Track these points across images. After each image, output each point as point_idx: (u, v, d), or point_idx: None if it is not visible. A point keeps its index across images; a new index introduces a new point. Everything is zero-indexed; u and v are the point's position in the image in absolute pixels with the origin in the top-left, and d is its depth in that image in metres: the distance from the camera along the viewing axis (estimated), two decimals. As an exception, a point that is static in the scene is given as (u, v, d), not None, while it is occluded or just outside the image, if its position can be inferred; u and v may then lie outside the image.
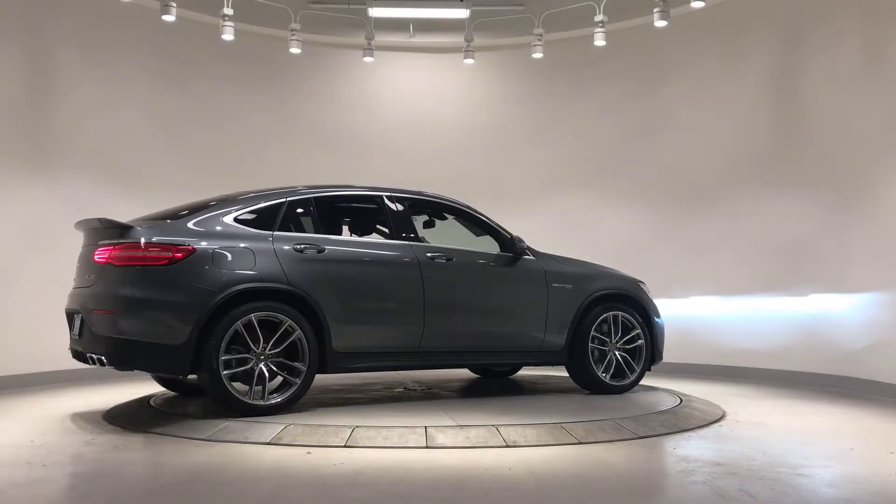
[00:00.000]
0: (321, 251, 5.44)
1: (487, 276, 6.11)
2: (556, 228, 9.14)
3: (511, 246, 6.18)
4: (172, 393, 6.22)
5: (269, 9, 8.87)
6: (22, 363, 7.24)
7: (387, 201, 5.99)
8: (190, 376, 5.29)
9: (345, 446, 4.50)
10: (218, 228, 5.22)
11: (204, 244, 5.07)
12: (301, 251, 5.36)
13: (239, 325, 5.02)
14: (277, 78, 9.48)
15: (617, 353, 6.39)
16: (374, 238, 6.20)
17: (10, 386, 7.01)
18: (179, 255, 4.97)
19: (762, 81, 8.41)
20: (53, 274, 7.02)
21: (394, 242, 5.84)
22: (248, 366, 5.08)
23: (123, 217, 5.33)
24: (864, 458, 4.46)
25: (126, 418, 5.38)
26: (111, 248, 5.06)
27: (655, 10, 8.00)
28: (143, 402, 5.85)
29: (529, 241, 6.37)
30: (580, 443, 4.69)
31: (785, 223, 8.03)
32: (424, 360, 5.90)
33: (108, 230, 5.16)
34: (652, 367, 6.62)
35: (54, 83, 7.88)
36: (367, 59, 9.16)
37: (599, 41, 8.54)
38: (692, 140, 8.92)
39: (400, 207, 5.98)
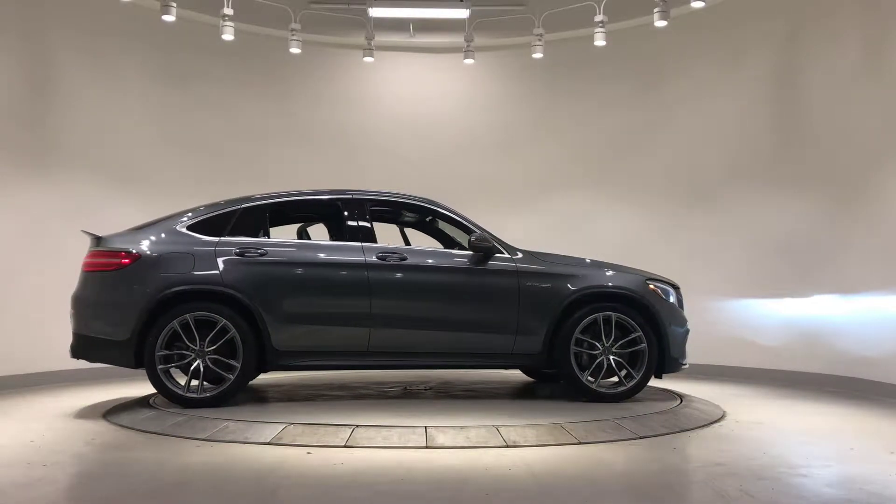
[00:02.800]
0: (263, 254, 5.63)
1: (444, 275, 5.88)
2: (555, 228, 9.14)
3: (473, 243, 5.90)
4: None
5: (269, 9, 8.86)
6: (22, 363, 7.25)
7: (342, 204, 6.02)
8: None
9: (345, 446, 4.51)
10: (170, 236, 5.68)
11: (151, 251, 5.57)
12: (242, 255, 5.62)
13: (175, 323, 5.43)
14: (277, 78, 9.48)
15: (612, 357, 5.86)
16: (323, 240, 6.22)
17: (10, 386, 7.01)
18: (127, 261, 5.54)
19: (762, 81, 8.41)
20: (54, 274, 7.03)
21: (342, 244, 5.90)
22: (186, 361, 5.46)
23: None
24: (864, 458, 4.46)
25: (126, 418, 5.39)
26: (87, 255, 5.74)
27: (655, 10, 8.01)
28: (144, 401, 5.85)
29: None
30: (580, 443, 4.69)
31: (785, 223, 8.03)
32: (374, 361, 5.85)
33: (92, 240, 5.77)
34: (663, 375, 6.09)
35: (55, 84, 7.87)
36: (367, 59, 9.15)
37: (599, 41, 8.54)
38: (692, 140, 8.92)
39: (356, 209, 5.98)
